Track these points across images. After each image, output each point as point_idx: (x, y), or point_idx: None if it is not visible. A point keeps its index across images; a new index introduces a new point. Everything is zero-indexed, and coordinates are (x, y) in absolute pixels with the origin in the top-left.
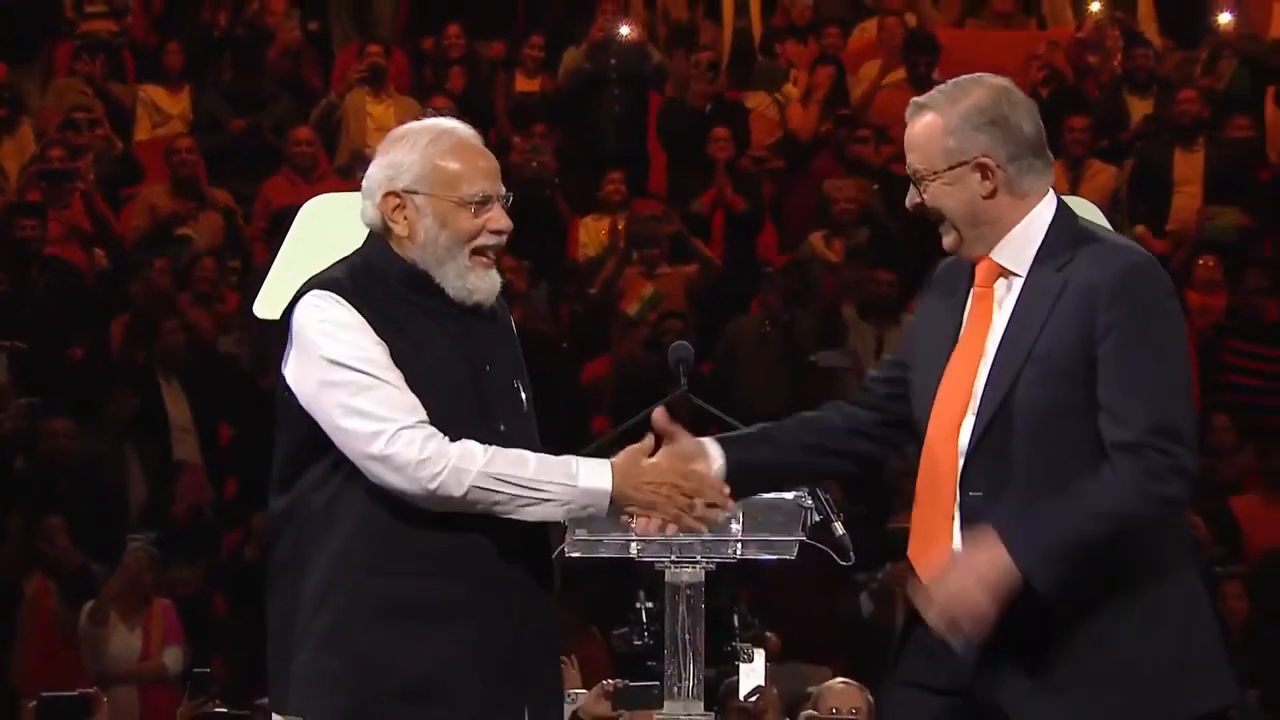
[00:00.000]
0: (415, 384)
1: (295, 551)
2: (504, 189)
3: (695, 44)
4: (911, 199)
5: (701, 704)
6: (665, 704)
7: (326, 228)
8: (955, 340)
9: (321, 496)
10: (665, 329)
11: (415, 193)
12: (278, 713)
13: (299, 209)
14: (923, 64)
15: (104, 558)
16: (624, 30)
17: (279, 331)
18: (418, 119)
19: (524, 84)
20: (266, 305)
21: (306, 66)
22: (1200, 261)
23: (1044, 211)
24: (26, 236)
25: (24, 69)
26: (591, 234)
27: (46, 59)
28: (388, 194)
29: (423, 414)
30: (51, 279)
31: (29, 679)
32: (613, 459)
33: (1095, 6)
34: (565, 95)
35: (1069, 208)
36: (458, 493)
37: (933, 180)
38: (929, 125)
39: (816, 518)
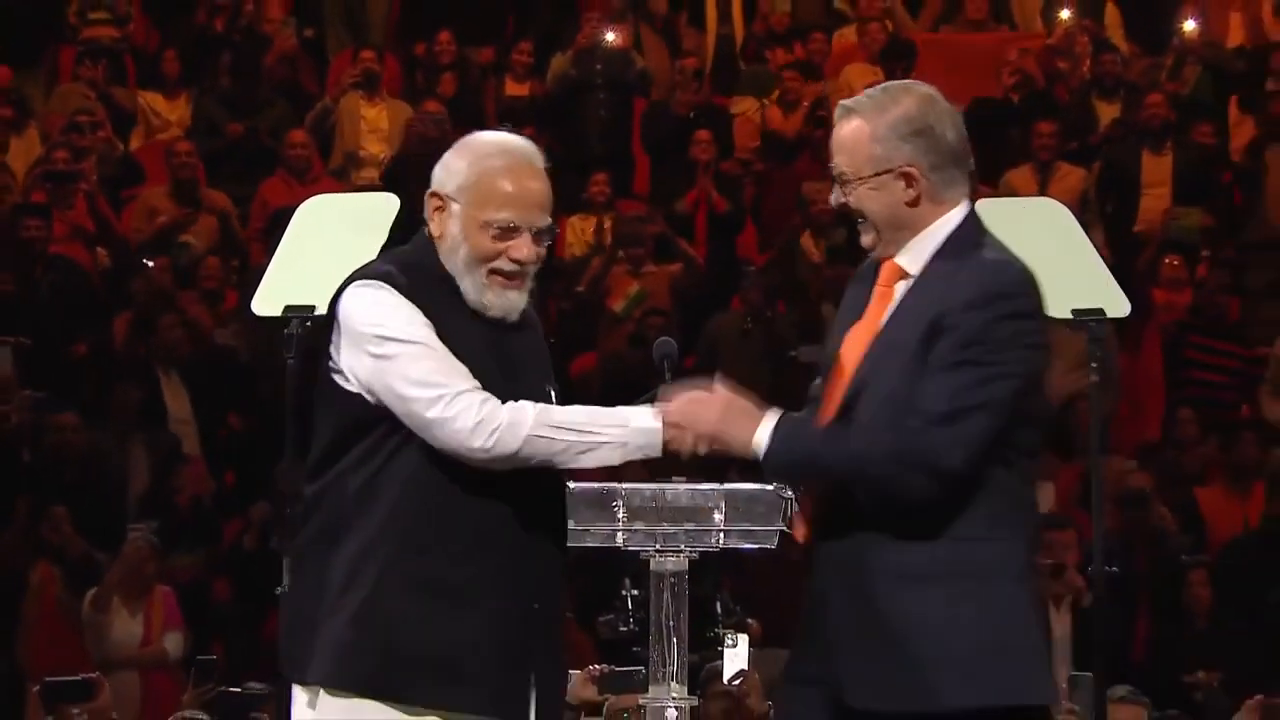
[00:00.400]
0: None
1: (323, 533)
2: (543, 221)
3: (679, 50)
4: (836, 199)
5: (685, 688)
6: (650, 688)
7: (321, 228)
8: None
9: (359, 478)
10: (649, 325)
11: (454, 200)
12: (297, 684)
13: (295, 210)
14: (900, 69)
15: (106, 546)
16: (609, 37)
17: (322, 325)
18: (409, 122)
19: (513, 89)
20: (264, 303)
21: (302, 72)
22: (1166, 260)
23: (952, 219)
24: (31, 236)
25: (29, 74)
26: (578, 234)
27: (51, 64)
28: (433, 193)
29: (474, 381)
30: (55, 277)
31: (33, 664)
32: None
33: (1065, 14)
34: (553, 100)
35: (978, 218)
36: (515, 447)
37: (858, 184)
38: (856, 130)
39: (796, 508)
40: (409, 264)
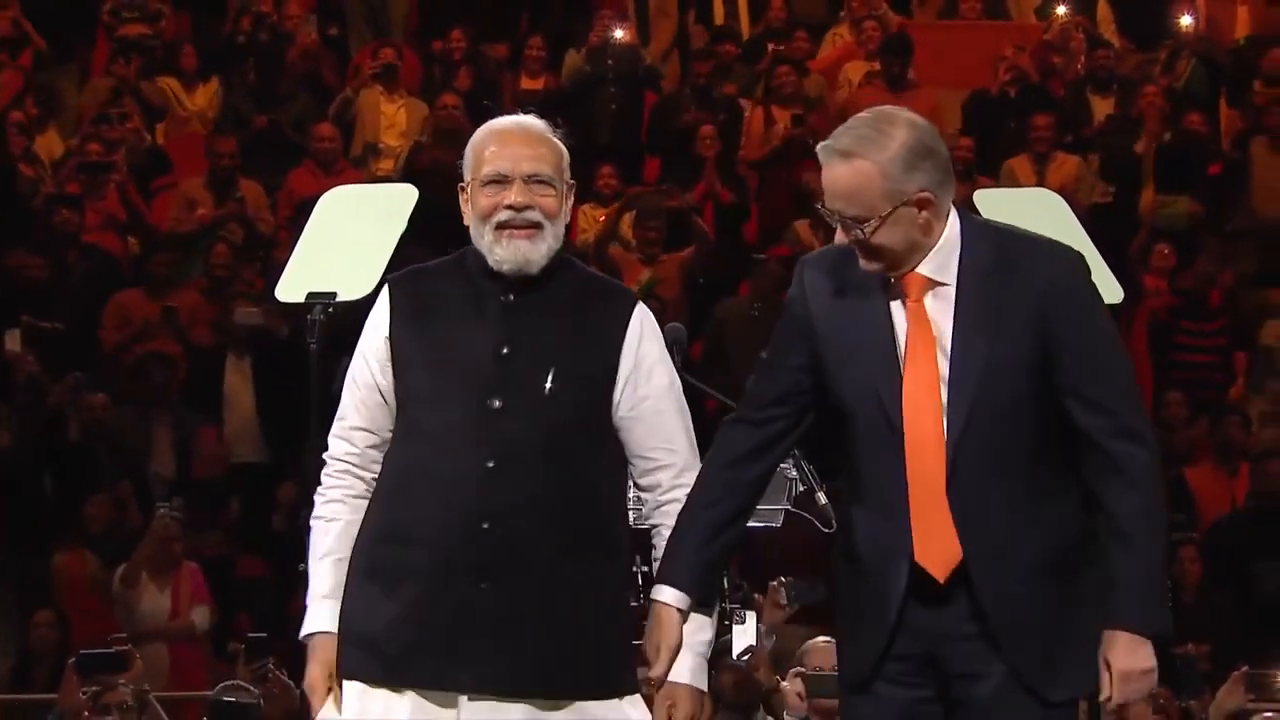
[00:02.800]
0: (427, 364)
1: None
2: (534, 168)
3: (687, 46)
4: (853, 237)
5: None
6: None
7: (343, 217)
8: (890, 353)
9: None
10: (659, 312)
11: (466, 185)
12: None
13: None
14: (897, 64)
15: (136, 523)
16: (619, 34)
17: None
18: (426, 115)
19: (527, 83)
20: (287, 290)
21: (325, 67)
22: (1155, 248)
23: (954, 224)
24: (65, 225)
25: (62, 69)
26: (590, 221)
27: (84, 60)
28: (460, 189)
29: (352, 445)
30: (88, 265)
31: (72, 635)
32: None
33: (1061, 9)
34: (566, 94)
35: (963, 208)
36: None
37: (876, 224)
38: (864, 172)
39: (801, 488)
40: (448, 259)
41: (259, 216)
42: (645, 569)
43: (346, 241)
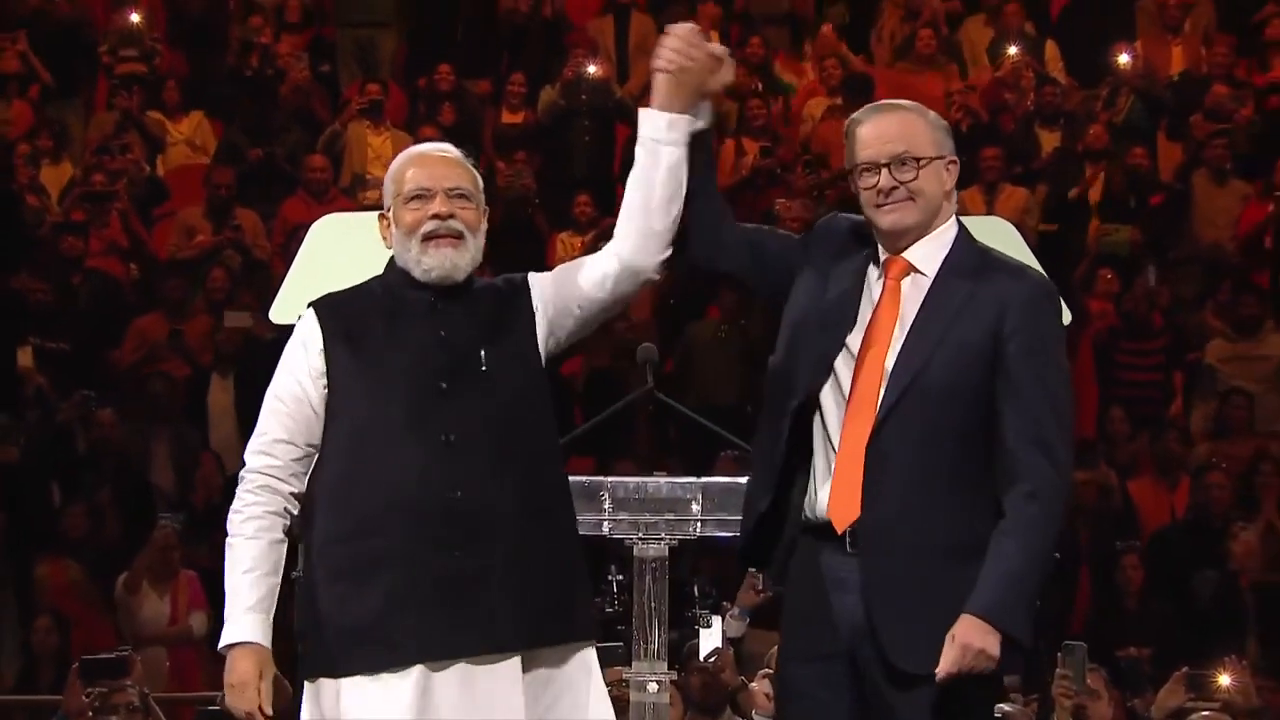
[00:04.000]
0: (365, 366)
1: (302, 530)
2: (452, 182)
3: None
4: (887, 181)
5: (666, 663)
6: (633, 663)
7: (333, 243)
8: (854, 321)
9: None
10: (632, 333)
11: (388, 209)
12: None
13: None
14: (859, 101)
15: (136, 534)
16: (592, 69)
17: None
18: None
19: (508, 117)
20: (281, 311)
21: (317, 102)
22: (1100, 273)
23: (952, 226)
24: (70, 251)
25: (68, 104)
26: (567, 247)
27: (88, 95)
28: (380, 217)
29: (273, 458)
30: (92, 289)
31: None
32: None
33: (1012, 50)
34: (543, 127)
35: (963, 221)
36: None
37: (925, 164)
38: (911, 119)
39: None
40: (369, 283)
41: (255, 243)
42: (620, 577)
43: (336, 265)
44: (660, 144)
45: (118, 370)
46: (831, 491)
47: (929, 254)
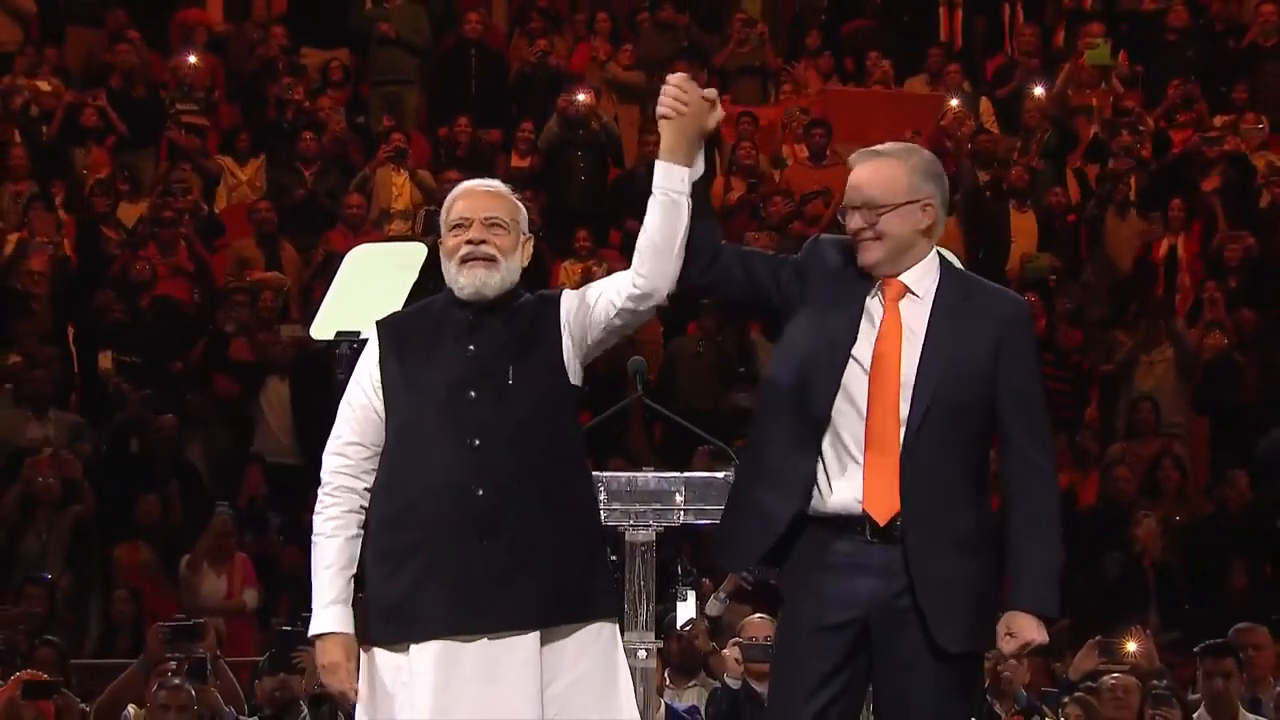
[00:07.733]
0: (411, 379)
1: None
2: (492, 212)
3: (648, 121)
4: (856, 223)
5: (653, 634)
6: (625, 634)
7: (366, 269)
8: (854, 338)
9: None
10: (624, 348)
11: (442, 237)
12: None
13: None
14: (819, 136)
15: (197, 522)
16: (580, 97)
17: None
18: (431, 187)
19: (517, 162)
20: (320, 329)
21: (352, 149)
22: (1024, 297)
23: (935, 254)
24: (140, 275)
25: (142, 152)
26: (569, 275)
27: (158, 143)
28: (438, 243)
29: (347, 458)
30: (160, 309)
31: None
32: None
33: (954, 102)
34: (546, 169)
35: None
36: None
37: (889, 210)
38: (890, 166)
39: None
40: (430, 301)
41: (299, 270)
42: (614, 558)
43: (368, 289)
44: (679, 195)
45: (181, 379)
46: (866, 488)
47: (920, 278)
